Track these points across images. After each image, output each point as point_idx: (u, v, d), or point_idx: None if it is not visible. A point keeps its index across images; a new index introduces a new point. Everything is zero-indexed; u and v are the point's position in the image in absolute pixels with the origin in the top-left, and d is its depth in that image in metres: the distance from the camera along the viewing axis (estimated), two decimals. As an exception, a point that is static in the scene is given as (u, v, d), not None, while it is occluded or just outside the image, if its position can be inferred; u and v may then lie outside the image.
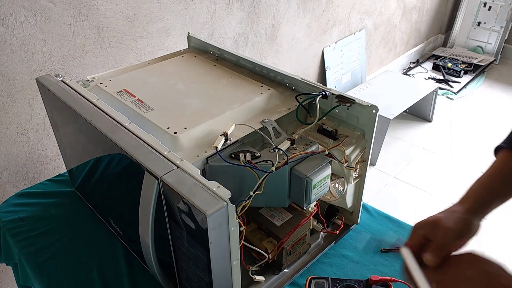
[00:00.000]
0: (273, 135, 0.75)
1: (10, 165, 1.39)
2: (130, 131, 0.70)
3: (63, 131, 0.92)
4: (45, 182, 1.09)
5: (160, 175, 0.60)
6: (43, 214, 0.98)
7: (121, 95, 0.86)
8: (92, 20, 1.40)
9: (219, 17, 1.85)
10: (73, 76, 1.43)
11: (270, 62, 2.22)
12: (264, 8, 2.04)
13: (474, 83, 3.24)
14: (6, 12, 1.20)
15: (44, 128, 1.42)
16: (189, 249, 0.62)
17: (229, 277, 0.63)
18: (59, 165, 1.51)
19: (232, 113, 0.80)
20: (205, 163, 0.70)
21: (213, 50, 1.06)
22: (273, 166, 0.67)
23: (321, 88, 0.82)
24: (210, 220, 0.53)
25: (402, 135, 2.68)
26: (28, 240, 0.91)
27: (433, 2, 3.41)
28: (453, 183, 2.30)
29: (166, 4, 1.60)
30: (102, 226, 0.94)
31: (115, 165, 0.75)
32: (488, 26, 3.45)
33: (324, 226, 0.87)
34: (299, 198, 0.72)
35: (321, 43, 2.53)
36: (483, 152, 2.49)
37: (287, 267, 0.82)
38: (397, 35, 3.20)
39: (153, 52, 1.63)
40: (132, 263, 0.85)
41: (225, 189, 0.56)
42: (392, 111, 2.31)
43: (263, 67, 0.94)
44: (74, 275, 0.84)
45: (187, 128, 0.74)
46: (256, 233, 0.81)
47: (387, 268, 0.84)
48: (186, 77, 0.94)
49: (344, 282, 0.76)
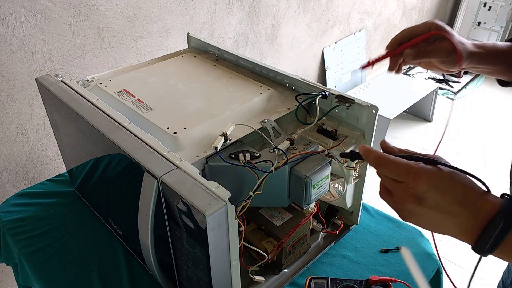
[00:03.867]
0: (273, 135, 0.75)
1: (10, 165, 1.39)
2: (130, 131, 0.70)
3: (63, 131, 0.92)
4: (45, 182, 1.09)
5: (160, 175, 0.60)
6: (43, 214, 0.98)
7: (121, 95, 0.86)
8: (92, 20, 1.40)
9: (219, 17, 1.85)
10: (73, 76, 1.43)
11: (270, 62, 2.22)
12: (264, 8, 2.04)
13: (474, 83, 3.24)
14: (6, 12, 1.20)
15: (44, 128, 1.42)
16: (189, 249, 0.62)
17: (228, 277, 0.63)
18: (59, 165, 1.51)
19: (232, 113, 0.80)
20: (205, 163, 0.70)
21: (213, 50, 1.06)
22: (273, 166, 0.67)
23: (321, 88, 0.82)
24: (209, 220, 0.53)
25: (402, 135, 2.68)
26: (28, 240, 0.91)
27: (433, 2, 3.41)
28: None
29: (166, 4, 1.60)
30: (102, 226, 0.94)
31: (115, 165, 0.75)
32: (488, 26, 3.44)
33: (324, 226, 0.87)
34: (299, 198, 0.72)
35: (321, 43, 2.53)
36: (483, 152, 2.49)
37: (286, 267, 0.82)
38: (397, 35, 3.20)
39: (153, 52, 1.64)
40: (132, 263, 0.85)
41: (224, 189, 0.56)
42: (392, 111, 2.31)
43: (263, 67, 0.94)
44: (74, 275, 0.84)
45: (187, 128, 0.74)
46: (255, 233, 0.81)
47: (387, 268, 0.84)
48: (186, 77, 0.94)
49: (343, 282, 0.76)
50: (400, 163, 0.49)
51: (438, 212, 0.48)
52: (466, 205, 0.47)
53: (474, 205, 0.47)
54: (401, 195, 0.49)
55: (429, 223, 0.50)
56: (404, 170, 0.49)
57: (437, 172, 0.48)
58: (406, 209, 0.50)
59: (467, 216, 0.47)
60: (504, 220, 0.44)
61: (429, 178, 0.48)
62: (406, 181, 0.49)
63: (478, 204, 0.47)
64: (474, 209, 0.47)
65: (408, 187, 0.48)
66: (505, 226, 0.44)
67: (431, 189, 0.47)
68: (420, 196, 0.48)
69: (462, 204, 0.47)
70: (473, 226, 0.46)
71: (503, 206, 0.45)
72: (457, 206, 0.47)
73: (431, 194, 0.47)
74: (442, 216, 0.48)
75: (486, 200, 0.47)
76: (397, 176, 0.50)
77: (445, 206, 0.47)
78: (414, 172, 0.48)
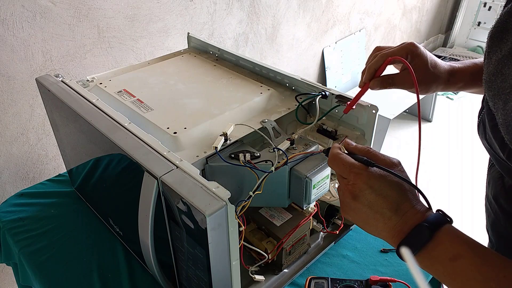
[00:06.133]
0: (273, 135, 0.75)
1: (10, 165, 1.39)
2: (130, 131, 0.70)
3: (63, 131, 0.92)
4: (45, 182, 1.09)
5: (160, 175, 0.60)
6: (43, 214, 0.98)
7: (121, 95, 0.86)
8: (92, 20, 1.40)
9: (219, 17, 1.85)
10: (73, 76, 1.43)
11: (270, 62, 2.22)
12: (264, 8, 2.04)
13: (474, 83, 3.23)
14: (6, 12, 1.20)
15: (44, 128, 1.42)
16: (189, 249, 0.62)
17: (228, 277, 0.63)
18: (59, 165, 1.51)
19: (232, 113, 0.80)
20: (205, 163, 0.70)
21: (213, 50, 1.06)
22: (273, 166, 0.67)
23: (321, 88, 0.82)
24: (209, 220, 0.53)
25: (402, 135, 2.68)
26: (28, 240, 0.91)
27: (433, 2, 3.41)
28: (453, 183, 2.30)
29: (166, 4, 1.60)
30: (102, 226, 0.94)
31: (115, 165, 0.75)
32: (488, 26, 3.44)
33: (324, 226, 0.87)
34: (299, 198, 0.72)
35: (321, 43, 2.53)
36: (482, 152, 2.49)
37: (286, 267, 0.82)
38: (397, 35, 3.20)
39: (153, 52, 1.64)
40: (132, 263, 0.85)
41: (224, 189, 0.56)
42: (392, 111, 2.32)
43: (263, 67, 0.94)
44: (74, 275, 0.84)
45: (187, 128, 0.74)
46: (255, 233, 0.81)
47: (387, 268, 0.84)
48: (186, 77, 0.94)
49: (343, 282, 0.76)
50: (346, 162, 0.54)
51: (370, 211, 0.51)
52: (398, 212, 0.50)
53: (405, 214, 0.50)
54: (343, 189, 0.54)
55: (362, 220, 0.53)
56: (348, 168, 0.54)
57: (377, 175, 0.52)
58: (345, 202, 0.54)
59: (397, 222, 0.50)
60: (428, 230, 0.47)
61: (367, 179, 0.51)
62: (348, 178, 0.54)
63: (409, 213, 0.50)
64: (404, 217, 0.50)
65: (349, 183, 0.53)
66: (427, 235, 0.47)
67: (367, 189, 0.51)
68: (356, 194, 0.52)
69: (394, 210, 0.50)
70: (400, 231, 0.49)
71: (431, 218, 0.48)
72: (388, 210, 0.50)
73: (366, 194, 0.51)
74: (374, 216, 0.51)
75: (417, 211, 0.50)
76: (342, 172, 0.55)
77: (378, 207, 0.51)
78: (355, 172, 0.53)
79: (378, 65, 0.71)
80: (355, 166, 0.53)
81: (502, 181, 0.69)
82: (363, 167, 0.53)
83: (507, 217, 0.69)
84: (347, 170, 0.54)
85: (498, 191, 0.70)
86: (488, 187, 0.75)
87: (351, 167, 0.53)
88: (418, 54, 0.71)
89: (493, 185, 0.71)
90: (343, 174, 0.55)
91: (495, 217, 0.72)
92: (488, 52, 0.50)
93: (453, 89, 0.76)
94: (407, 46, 0.71)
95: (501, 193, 0.69)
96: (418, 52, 0.71)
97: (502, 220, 0.70)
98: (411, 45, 0.71)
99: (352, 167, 0.53)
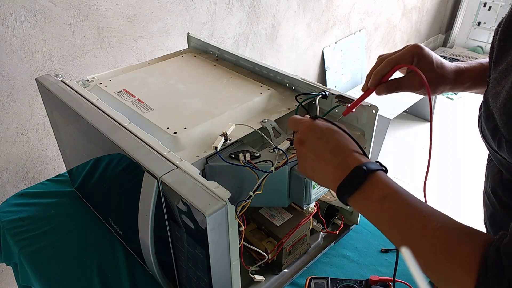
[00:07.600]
0: (273, 135, 0.75)
1: (10, 165, 1.39)
2: (130, 131, 0.70)
3: (63, 131, 0.92)
4: (45, 182, 1.09)
5: (160, 175, 0.60)
6: (43, 214, 0.98)
7: (121, 95, 0.86)
8: (92, 20, 1.40)
9: (219, 17, 1.85)
10: (73, 76, 1.43)
11: (270, 62, 2.22)
12: (264, 8, 2.04)
13: (474, 83, 3.23)
14: (6, 12, 1.20)
15: (44, 128, 1.42)
16: (189, 249, 0.62)
17: (228, 277, 0.63)
18: (59, 165, 1.51)
19: (232, 113, 0.80)
20: (205, 163, 0.70)
21: (213, 50, 1.06)
22: (273, 166, 0.67)
23: (321, 88, 0.82)
24: (209, 220, 0.53)
25: (402, 135, 2.69)
26: (28, 240, 0.91)
27: (433, 2, 3.41)
28: (453, 183, 2.30)
29: (166, 4, 1.61)
30: (102, 226, 0.94)
31: (115, 165, 0.75)
32: (488, 26, 3.45)
33: (324, 226, 0.87)
34: (299, 198, 0.72)
35: (321, 43, 2.53)
36: (482, 152, 2.49)
37: (287, 267, 0.82)
38: (397, 35, 3.20)
39: (153, 52, 1.64)
40: (132, 263, 0.85)
41: (224, 189, 0.56)
42: (392, 111, 2.32)
43: (263, 67, 0.94)
44: (74, 275, 0.84)
45: (187, 128, 0.74)
46: (255, 233, 0.81)
47: (387, 268, 0.84)
48: (186, 77, 0.94)
49: (343, 282, 0.76)
50: (297, 118, 0.64)
51: (313, 156, 0.58)
52: (338, 155, 0.56)
53: (344, 158, 0.55)
54: (295, 140, 0.62)
55: (310, 168, 0.59)
56: (298, 122, 0.63)
57: (320, 124, 0.60)
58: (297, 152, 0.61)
59: (338, 165, 0.55)
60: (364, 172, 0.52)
61: (311, 127, 0.60)
62: (297, 130, 0.62)
63: (348, 158, 0.55)
64: (343, 161, 0.55)
65: (298, 133, 0.61)
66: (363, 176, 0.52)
67: (310, 133, 0.59)
68: (302, 140, 0.59)
69: (333, 153, 0.56)
70: (340, 175, 0.54)
71: (368, 163, 0.54)
72: (329, 153, 0.56)
73: (309, 138, 0.59)
74: (317, 161, 0.57)
75: (355, 157, 0.55)
76: (295, 127, 0.63)
77: (319, 151, 0.57)
78: (303, 123, 0.61)
79: (385, 71, 0.70)
80: (304, 119, 0.62)
81: (500, 175, 0.69)
82: (310, 119, 0.61)
83: (505, 209, 0.69)
84: (298, 123, 0.62)
85: (497, 183, 0.70)
86: (486, 181, 0.75)
87: (300, 120, 0.62)
88: (424, 55, 0.70)
89: (491, 178, 0.72)
90: (295, 128, 0.63)
91: (493, 209, 0.73)
92: (501, 45, 0.55)
93: (461, 89, 0.76)
94: (412, 48, 0.70)
95: (499, 186, 0.69)
96: (423, 53, 0.70)
97: (500, 212, 0.70)
98: (416, 47, 0.71)
99: (301, 120, 0.62)
